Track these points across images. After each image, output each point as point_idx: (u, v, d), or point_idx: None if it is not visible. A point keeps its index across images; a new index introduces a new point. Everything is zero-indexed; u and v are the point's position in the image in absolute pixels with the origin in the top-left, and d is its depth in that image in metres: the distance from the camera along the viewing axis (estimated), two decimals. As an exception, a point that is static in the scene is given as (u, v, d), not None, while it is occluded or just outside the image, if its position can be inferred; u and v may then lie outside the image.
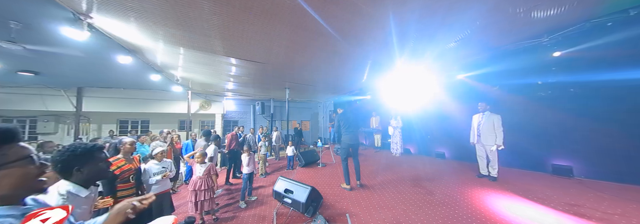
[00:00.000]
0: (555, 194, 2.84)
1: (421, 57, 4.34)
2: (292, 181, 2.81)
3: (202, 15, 2.54)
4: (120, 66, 4.21)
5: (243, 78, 6.09)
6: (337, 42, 3.40)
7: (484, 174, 3.71)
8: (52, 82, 6.45)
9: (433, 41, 3.46)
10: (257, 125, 10.12)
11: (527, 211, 2.41)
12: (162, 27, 2.85)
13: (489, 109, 3.69)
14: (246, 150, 3.53)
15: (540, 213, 2.35)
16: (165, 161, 2.52)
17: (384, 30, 3.01)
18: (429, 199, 2.92)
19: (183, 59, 4.35)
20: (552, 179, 3.42)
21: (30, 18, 2.63)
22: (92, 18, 2.55)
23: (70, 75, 5.66)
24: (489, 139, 3.53)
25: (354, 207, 2.81)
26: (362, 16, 2.60)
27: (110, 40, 3.26)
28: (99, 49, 3.55)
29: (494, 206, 2.60)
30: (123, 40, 3.33)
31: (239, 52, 3.83)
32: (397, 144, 6.15)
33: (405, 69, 5.23)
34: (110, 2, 2.27)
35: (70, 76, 5.75)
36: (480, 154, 3.74)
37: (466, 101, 4.89)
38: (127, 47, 3.62)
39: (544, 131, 3.77)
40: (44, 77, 5.74)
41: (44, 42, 3.28)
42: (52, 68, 4.93)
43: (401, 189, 3.34)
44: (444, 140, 5.54)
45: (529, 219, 2.22)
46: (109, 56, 3.90)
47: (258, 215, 2.82)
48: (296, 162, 5.55)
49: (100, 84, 7.16)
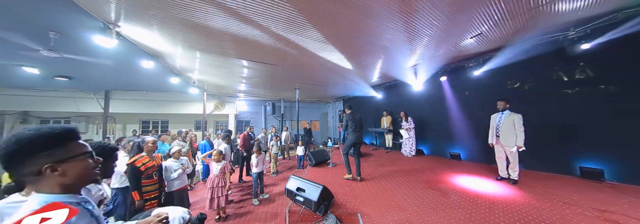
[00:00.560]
0: (583, 198, 2.66)
1: (435, 54, 4.23)
2: (303, 180, 2.86)
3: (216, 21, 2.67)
4: (143, 70, 4.50)
5: (255, 79, 6.27)
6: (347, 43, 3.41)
7: (504, 176, 3.54)
8: (83, 85, 7.03)
9: (449, 37, 3.37)
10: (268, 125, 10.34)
11: (552, 216, 2.28)
12: (181, 33, 3.03)
13: (509, 107, 3.51)
14: (256, 150, 3.63)
15: (566, 218, 2.22)
16: (182, 159, 2.71)
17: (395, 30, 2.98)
18: (444, 201, 2.84)
19: (199, 62, 4.57)
20: (580, 183, 3.20)
21: (67, 28, 2.90)
22: (120, 27, 2.77)
23: (99, 79, 6.14)
24: (509, 140, 3.37)
25: (365, 207, 2.80)
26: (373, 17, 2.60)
27: (135, 47, 3.51)
28: (125, 55, 3.84)
29: (515, 209, 2.48)
30: (146, 46, 3.57)
31: (250, 54, 3.96)
32: (409, 145, 6.02)
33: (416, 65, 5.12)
34: (135, 11, 2.46)
35: (99, 79, 6.24)
36: (500, 156, 3.58)
37: (484, 99, 4.68)
38: (149, 53, 3.88)
39: (571, 131, 3.52)
40: (76, 82, 6.27)
41: (78, 49, 3.60)
42: (84, 73, 5.38)
43: (414, 191, 3.28)
44: (460, 141, 5.34)
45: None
46: (134, 61, 4.20)
47: (270, 212, 2.90)
48: (306, 161, 5.61)
49: (125, 87, 7.69)
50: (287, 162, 6.36)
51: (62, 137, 0.67)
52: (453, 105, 5.48)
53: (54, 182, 0.64)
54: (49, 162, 0.62)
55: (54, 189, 0.64)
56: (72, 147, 0.69)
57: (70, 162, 0.66)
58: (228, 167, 2.92)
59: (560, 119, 3.64)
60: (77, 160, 0.68)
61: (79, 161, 0.68)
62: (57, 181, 0.64)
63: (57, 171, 0.63)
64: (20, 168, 0.62)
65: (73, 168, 0.67)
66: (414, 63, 4.77)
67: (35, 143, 0.62)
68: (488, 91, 4.66)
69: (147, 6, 2.34)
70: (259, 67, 4.82)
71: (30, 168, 0.62)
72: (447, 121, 5.62)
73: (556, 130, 3.67)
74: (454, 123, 5.46)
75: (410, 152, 5.96)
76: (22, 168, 0.62)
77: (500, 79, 4.43)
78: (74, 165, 0.67)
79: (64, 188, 0.66)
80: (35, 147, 0.62)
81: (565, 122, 3.59)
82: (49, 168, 0.62)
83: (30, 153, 0.62)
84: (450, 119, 5.54)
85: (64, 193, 0.66)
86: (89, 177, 0.72)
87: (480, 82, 4.81)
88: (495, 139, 3.58)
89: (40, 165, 0.62)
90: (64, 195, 0.65)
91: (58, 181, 0.64)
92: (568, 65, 3.55)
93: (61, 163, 0.64)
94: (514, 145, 3.28)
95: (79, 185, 0.71)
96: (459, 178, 3.77)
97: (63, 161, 0.65)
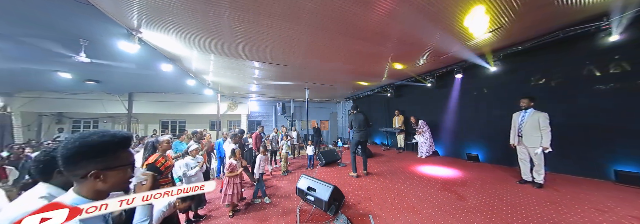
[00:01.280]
0: (619, 205, 2.43)
1: (450, 50, 4.06)
2: (314, 180, 2.88)
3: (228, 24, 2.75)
4: (163, 72, 4.75)
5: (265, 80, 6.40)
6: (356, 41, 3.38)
7: (527, 179, 3.32)
8: (110, 88, 7.55)
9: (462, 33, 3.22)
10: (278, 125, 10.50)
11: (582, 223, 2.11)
12: (195, 36, 3.16)
13: (533, 106, 3.28)
14: (263, 151, 3.63)
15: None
16: (198, 157, 2.85)
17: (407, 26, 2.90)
18: (461, 204, 2.72)
19: (213, 65, 4.74)
20: (615, 188, 2.92)
21: (95, 36, 3.14)
22: (142, 33, 2.94)
23: (123, 82, 6.57)
24: (533, 141, 3.14)
25: (377, 208, 2.76)
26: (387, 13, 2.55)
27: (155, 51, 3.71)
28: (146, 59, 4.07)
29: (540, 215, 2.33)
30: (165, 50, 3.77)
31: (261, 55, 4.04)
32: (423, 145, 5.84)
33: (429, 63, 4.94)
34: (154, 18, 2.60)
35: (123, 83, 6.67)
36: (523, 158, 3.36)
37: (504, 97, 4.40)
38: (168, 57, 4.09)
39: (605, 131, 3.23)
40: (103, 85, 6.75)
41: (105, 55, 3.87)
42: (110, 77, 5.77)
43: (428, 193, 3.18)
44: (478, 141, 5.08)
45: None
46: (154, 65, 4.44)
47: (282, 211, 2.94)
48: (316, 161, 5.63)
49: (146, 89, 8.16)
50: (297, 162, 6.42)
51: (118, 145, 0.70)
52: (470, 103, 5.23)
53: (92, 187, 0.66)
54: (97, 169, 0.64)
55: (89, 193, 0.66)
56: (122, 157, 0.71)
57: (114, 170, 0.68)
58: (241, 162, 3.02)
59: (592, 118, 3.35)
60: (120, 169, 0.70)
61: (121, 171, 0.70)
62: (95, 186, 0.66)
63: (99, 178, 0.66)
64: (73, 169, 0.64)
65: (114, 177, 0.69)
66: (423, 62, 4.63)
67: (95, 150, 0.65)
68: (509, 88, 4.38)
69: (165, 12, 2.46)
70: (270, 67, 4.91)
71: (80, 171, 0.64)
72: (464, 121, 5.38)
73: (587, 130, 3.38)
74: (471, 123, 5.21)
75: (426, 153, 5.78)
76: (74, 169, 0.64)
77: (523, 75, 4.15)
78: (115, 174, 0.69)
79: (98, 193, 0.68)
80: (93, 153, 0.65)
81: (598, 122, 3.29)
82: (93, 174, 0.64)
83: (86, 157, 0.64)
84: (467, 118, 5.29)
85: (95, 198, 0.66)
86: (123, 186, 0.73)
87: (500, 79, 4.54)
88: (518, 140, 3.37)
89: (88, 170, 0.64)
90: (91, 201, 0.65)
91: (96, 186, 0.66)
92: (601, 59, 3.26)
93: (106, 171, 0.66)
94: (539, 146, 3.07)
95: (110, 192, 0.73)
96: (478, 181, 3.60)
97: (109, 169, 0.67)
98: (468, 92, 5.27)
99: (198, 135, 4.75)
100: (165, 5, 2.32)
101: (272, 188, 4.11)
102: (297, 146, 7.30)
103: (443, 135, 5.94)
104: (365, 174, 4.19)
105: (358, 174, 4.17)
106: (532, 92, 3.62)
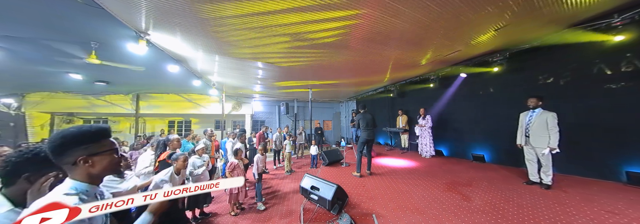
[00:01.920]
0: (631, 207, 2.37)
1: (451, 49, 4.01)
2: (318, 179, 2.90)
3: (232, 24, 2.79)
4: (169, 74, 4.85)
5: (269, 81, 6.44)
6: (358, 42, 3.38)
7: (534, 180, 3.26)
8: (118, 89, 7.73)
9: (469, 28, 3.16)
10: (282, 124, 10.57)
11: None
12: (200, 37, 3.21)
13: (542, 105, 3.22)
14: (261, 150, 3.63)
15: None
16: (205, 156, 2.92)
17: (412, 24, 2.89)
18: (466, 205, 2.70)
19: (218, 65, 4.81)
20: (627, 190, 2.84)
21: (104, 38, 3.23)
22: (149, 35, 3.01)
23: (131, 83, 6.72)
24: (541, 141, 3.09)
25: (380, 208, 2.76)
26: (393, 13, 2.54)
27: (162, 53, 3.79)
28: (154, 60, 4.16)
29: (548, 217, 2.29)
30: (172, 51, 3.84)
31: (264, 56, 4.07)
32: (426, 145, 5.78)
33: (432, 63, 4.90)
34: (161, 20, 2.66)
35: (131, 84, 6.82)
36: (530, 158, 3.30)
37: (511, 96, 4.34)
38: (174, 58, 4.16)
39: (616, 132, 3.14)
40: (112, 86, 6.92)
41: (114, 57, 3.97)
42: (119, 78, 5.92)
43: (433, 193, 3.16)
44: (484, 141, 5.01)
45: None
46: (161, 66, 4.53)
47: (285, 209, 2.98)
48: (320, 161, 5.65)
49: (153, 90, 8.32)
50: (301, 161, 6.45)
51: (97, 135, 0.79)
52: (475, 103, 5.17)
53: (84, 171, 0.76)
54: (83, 155, 0.74)
55: (83, 177, 0.76)
56: (103, 143, 0.80)
57: (99, 155, 0.78)
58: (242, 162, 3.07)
59: (602, 118, 3.27)
60: (105, 154, 0.79)
61: (106, 155, 0.80)
62: (86, 171, 0.76)
63: (88, 163, 0.75)
64: (62, 158, 0.74)
65: (101, 161, 0.78)
66: (426, 62, 4.59)
67: (76, 139, 0.75)
68: (515, 87, 4.32)
69: (172, 14, 2.52)
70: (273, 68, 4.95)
71: (68, 159, 0.74)
72: (469, 120, 5.32)
73: (597, 130, 3.30)
74: (476, 122, 5.15)
75: (428, 153, 5.73)
76: (63, 158, 0.74)
77: (531, 74, 4.08)
78: (101, 158, 0.78)
79: (91, 177, 0.78)
80: (75, 141, 0.74)
81: (608, 122, 3.21)
82: (82, 159, 0.74)
83: (71, 146, 0.74)
84: (473, 118, 5.23)
85: (89, 182, 0.77)
86: (113, 168, 0.83)
87: (507, 78, 4.47)
88: (525, 140, 3.32)
89: (76, 156, 0.73)
90: (88, 184, 0.77)
91: (87, 170, 0.76)
92: (612, 57, 3.17)
93: (92, 156, 0.76)
94: (547, 146, 3.02)
95: (102, 175, 0.83)
96: (483, 182, 3.55)
97: (94, 155, 0.76)
98: (474, 91, 5.21)
99: (208, 134, 4.85)
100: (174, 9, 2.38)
101: (275, 187, 4.16)
102: (302, 145, 7.34)
103: (449, 135, 5.88)
104: (369, 174, 4.21)
105: (361, 174, 4.20)
106: (539, 91, 3.56)
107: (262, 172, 3.51)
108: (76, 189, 0.73)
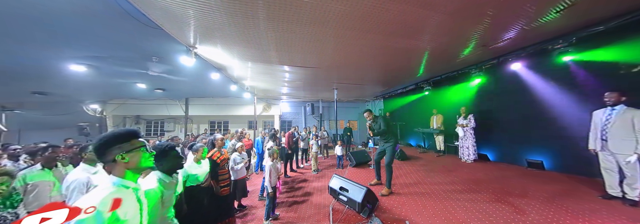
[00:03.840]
0: None
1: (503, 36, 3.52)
2: (347, 180, 2.93)
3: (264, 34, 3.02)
4: (212, 80, 5.47)
5: (296, 83, 6.71)
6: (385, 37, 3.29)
7: (614, 194, 2.65)
8: (172, 95, 9.01)
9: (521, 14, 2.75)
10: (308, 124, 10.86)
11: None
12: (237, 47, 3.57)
13: (625, 101, 2.60)
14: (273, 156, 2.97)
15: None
16: (243, 153, 3.28)
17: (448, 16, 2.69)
18: (518, 219, 2.34)
19: (251, 71, 5.23)
20: None
21: (162, 53, 3.83)
22: (197, 48, 3.47)
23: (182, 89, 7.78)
24: (624, 146, 2.50)
25: (415, 215, 2.62)
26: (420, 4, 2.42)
27: (206, 63, 4.31)
28: (200, 70, 4.76)
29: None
30: (213, 61, 4.35)
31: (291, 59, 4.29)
32: (468, 148, 5.21)
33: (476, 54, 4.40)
34: (205, 35, 3.05)
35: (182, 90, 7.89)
36: (608, 167, 2.69)
37: (579, 90, 3.59)
38: (216, 66, 4.69)
39: None
40: (167, 92, 8.10)
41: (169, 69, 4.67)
42: (172, 85, 6.90)
43: (475, 202, 2.84)
44: (542, 144, 4.20)
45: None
46: (205, 74, 5.15)
47: (314, 208, 3.08)
48: (346, 161, 5.63)
49: (198, 95, 9.47)
50: (327, 161, 6.54)
51: (128, 136, 0.95)
52: (530, 99, 4.36)
53: (122, 167, 0.90)
54: (119, 153, 0.89)
55: (121, 173, 0.90)
56: (134, 143, 0.95)
57: (132, 152, 0.93)
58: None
59: None
60: (136, 151, 0.94)
61: (137, 152, 0.95)
62: (123, 167, 0.90)
63: (123, 159, 0.90)
64: (104, 157, 0.90)
65: (133, 157, 0.93)
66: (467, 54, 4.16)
67: (111, 140, 0.91)
68: (586, 78, 3.53)
69: (214, 29, 2.87)
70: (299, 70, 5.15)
71: (108, 157, 0.89)
72: (522, 119, 4.56)
73: None
74: (532, 122, 4.36)
75: (471, 157, 5.13)
76: (104, 156, 0.89)
77: (608, 63, 3.28)
78: (134, 155, 0.93)
79: (126, 172, 0.92)
80: (111, 142, 0.90)
81: None
82: (119, 157, 0.89)
83: (109, 146, 0.89)
84: (527, 116, 4.46)
85: (126, 177, 0.91)
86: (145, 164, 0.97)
87: (574, 68, 3.68)
88: (601, 144, 2.73)
89: (113, 155, 0.89)
90: (125, 180, 0.91)
91: (124, 166, 0.90)
92: None
93: (126, 154, 0.90)
94: (634, 153, 2.43)
95: (139, 170, 0.96)
96: (542, 193, 3.02)
97: (127, 152, 0.91)
98: (528, 85, 4.42)
99: (238, 134, 5.32)
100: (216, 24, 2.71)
101: (303, 183, 4.35)
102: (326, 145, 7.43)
103: (495, 136, 5.15)
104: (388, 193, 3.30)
105: (392, 191, 3.36)
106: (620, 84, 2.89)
107: (275, 185, 2.80)
108: (115, 184, 0.87)
